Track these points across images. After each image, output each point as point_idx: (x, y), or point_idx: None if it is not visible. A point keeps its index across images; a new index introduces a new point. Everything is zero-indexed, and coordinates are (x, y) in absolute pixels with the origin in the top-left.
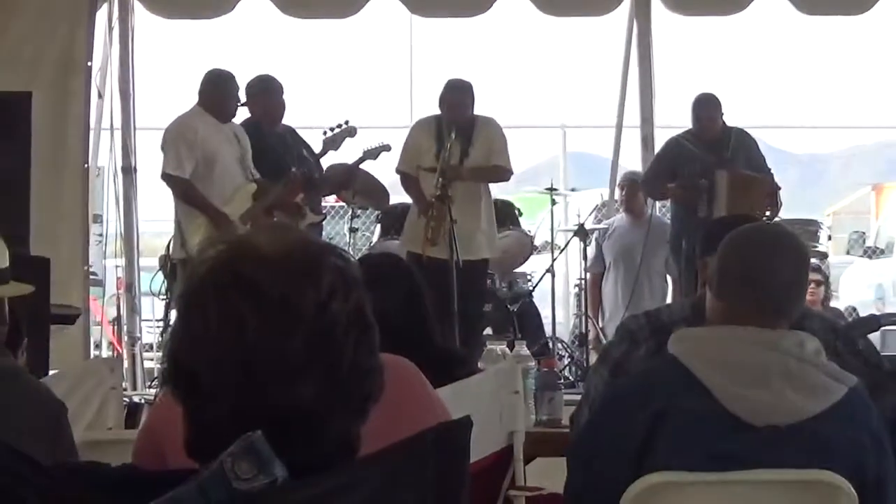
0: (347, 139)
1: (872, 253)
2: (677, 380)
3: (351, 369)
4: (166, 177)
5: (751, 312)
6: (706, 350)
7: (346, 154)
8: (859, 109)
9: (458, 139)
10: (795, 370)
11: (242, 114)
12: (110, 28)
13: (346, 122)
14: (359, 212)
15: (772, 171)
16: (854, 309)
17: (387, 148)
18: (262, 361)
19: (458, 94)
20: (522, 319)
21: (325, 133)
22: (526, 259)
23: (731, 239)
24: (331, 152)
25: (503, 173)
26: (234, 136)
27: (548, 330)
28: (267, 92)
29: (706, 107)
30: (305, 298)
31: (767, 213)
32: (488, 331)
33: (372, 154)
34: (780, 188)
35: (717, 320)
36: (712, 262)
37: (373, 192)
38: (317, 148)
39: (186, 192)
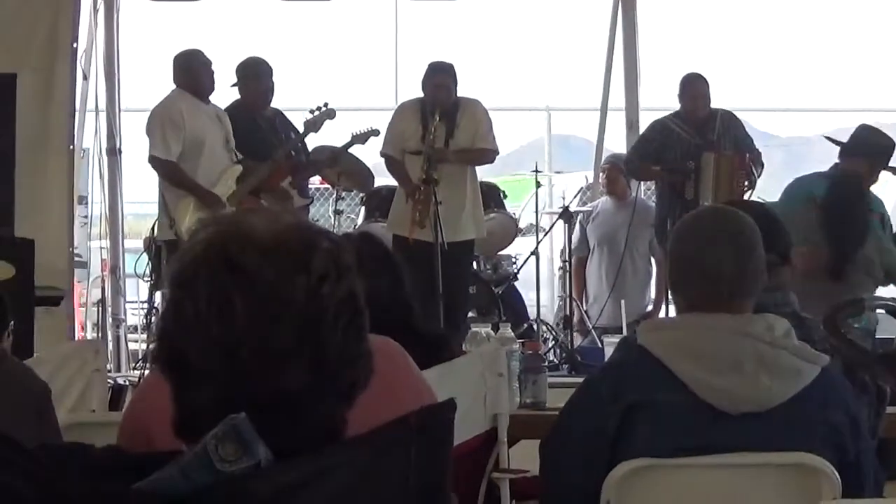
0: (327, 121)
1: None
2: (649, 371)
3: (339, 355)
4: (153, 159)
5: (706, 301)
6: (676, 339)
7: (335, 137)
8: (843, 92)
9: (443, 121)
10: (768, 355)
11: (232, 95)
12: (95, 10)
13: (326, 105)
14: (343, 194)
15: (760, 152)
16: None
17: (375, 132)
18: (249, 346)
19: (440, 76)
20: (506, 302)
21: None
22: (510, 241)
23: (676, 229)
24: (311, 134)
25: (489, 155)
26: (217, 117)
27: (532, 312)
28: (256, 75)
29: (694, 83)
30: (296, 284)
31: (746, 184)
32: (472, 313)
33: (360, 138)
34: (762, 164)
35: (681, 310)
36: None
37: (358, 175)
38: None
39: (173, 174)
